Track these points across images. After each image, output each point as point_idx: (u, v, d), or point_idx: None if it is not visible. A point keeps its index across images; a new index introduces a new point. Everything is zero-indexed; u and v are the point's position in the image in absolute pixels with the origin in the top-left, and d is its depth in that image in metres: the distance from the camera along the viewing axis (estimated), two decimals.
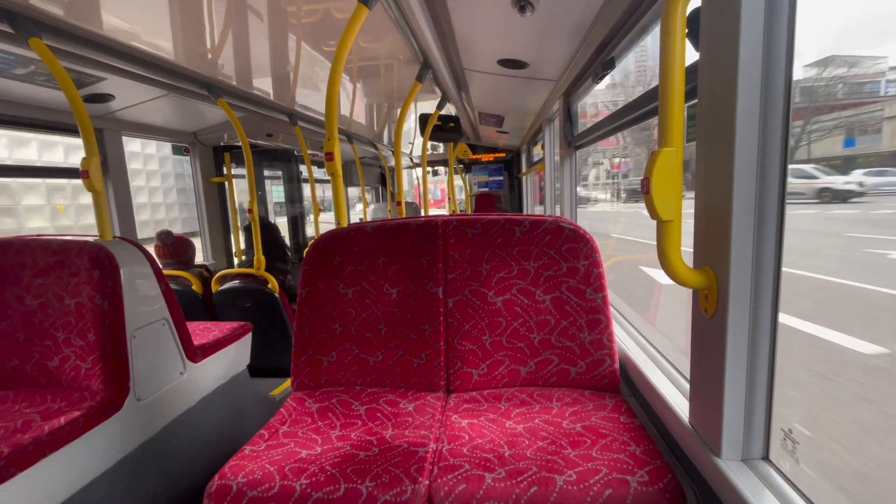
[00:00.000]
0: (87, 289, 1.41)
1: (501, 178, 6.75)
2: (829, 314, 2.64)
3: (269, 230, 3.39)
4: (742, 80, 0.72)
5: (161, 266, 1.64)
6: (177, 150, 3.24)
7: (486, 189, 6.81)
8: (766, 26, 0.71)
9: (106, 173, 2.46)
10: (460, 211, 7.08)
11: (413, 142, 5.51)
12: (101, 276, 1.41)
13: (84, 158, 1.48)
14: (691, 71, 0.82)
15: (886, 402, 1.91)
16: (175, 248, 2.82)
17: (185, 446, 1.66)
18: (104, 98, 2.16)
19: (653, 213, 0.74)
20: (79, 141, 1.53)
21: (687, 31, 0.74)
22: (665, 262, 0.77)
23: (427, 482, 0.96)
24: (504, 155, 6.47)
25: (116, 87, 2.04)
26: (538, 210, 5.62)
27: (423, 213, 3.37)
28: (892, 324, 2.38)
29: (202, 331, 2.02)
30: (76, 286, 1.42)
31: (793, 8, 0.70)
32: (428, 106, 3.21)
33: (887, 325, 2.39)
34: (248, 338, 2.21)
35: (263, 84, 2.45)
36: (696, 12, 0.82)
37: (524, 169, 5.85)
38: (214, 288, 2.68)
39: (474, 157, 6.50)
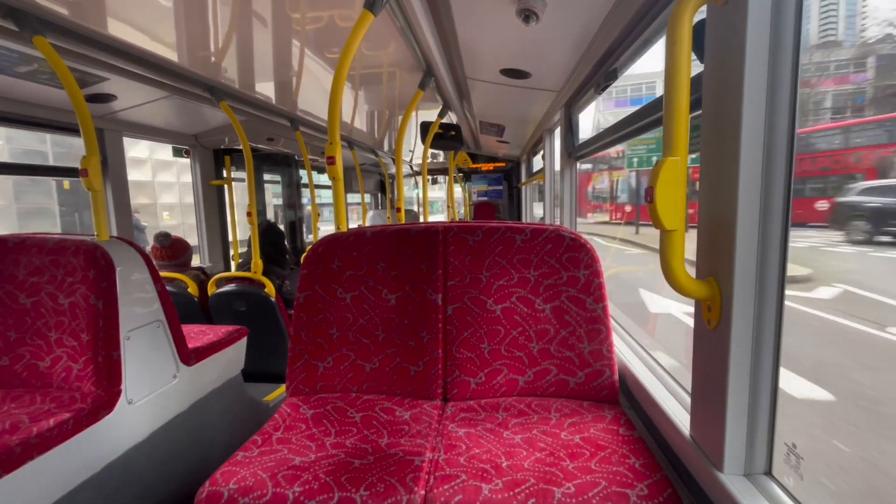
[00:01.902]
0: (81, 288, 1.40)
1: (501, 187, 6.77)
2: None
3: (274, 233, 3.35)
4: (748, 91, 0.72)
5: (157, 268, 1.63)
6: (177, 153, 3.24)
7: (485, 198, 6.83)
8: (773, 38, 0.71)
9: (105, 173, 2.45)
10: (459, 219, 7.09)
11: (413, 150, 5.53)
12: (97, 276, 1.39)
13: (84, 157, 1.48)
14: (695, 81, 0.83)
15: None
16: (173, 249, 2.80)
17: (176, 451, 1.63)
18: (106, 98, 2.16)
19: (656, 223, 0.74)
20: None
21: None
22: (668, 272, 0.76)
23: (423, 492, 0.94)
24: (504, 164, 6.50)
25: (119, 87, 2.04)
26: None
27: (422, 220, 3.37)
28: None
29: (197, 334, 2.00)
30: (71, 285, 1.41)
31: (798, 20, 0.70)
32: (429, 114, 3.23)
33: None
34: (244, 342, 2.18)
35: (266, 88, 2.45)
36: (701, 24, 0.82)
37: (523, 179, 5.87)
38: (211, 291, 2.66)
39: (474, 166, 6.52)
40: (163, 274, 2.65)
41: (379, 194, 6.98)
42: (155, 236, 2.81)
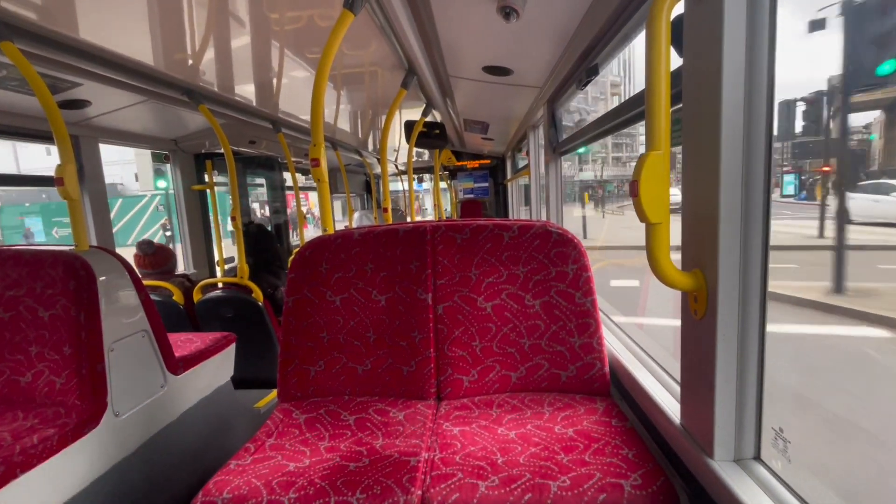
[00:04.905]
0: (62, 300, 1.36)
1: (486, 184, 6.78)
2: None
3: (266, 238, 3.26)
4: (726, 85, 0.73)
5: (141, 276, 1.59)
6: (157, 158, 3.17)
7: (471, 196, 6.84)
8: (749, 30, 0.72)
9: (82, 181, 2.39)
10: (447, 217, 7.08)
11: (398, 149, 5.50)
12: (77, 287, 1.36)
13: (59, 166, 1.44)
14: (675, 76, 0.84)
15: None
16: (156, 258, 2.75)
17: (166, 462, 1.61)
18: (80, 104, 2.11)
19: (641, 216, 0.75)
20: None
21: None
22: (654, 265, 0.77)
23: (420, 492, 0.94)
24: (489, 161, 6.51)
25: (93, 92, 1.99)
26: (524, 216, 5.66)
27: (409, 220, 3.36)
28: None
29: (184, 342, 1.96)
30: (50, 298, 1.37)
31: (773, 13, 0.72)
32: (413, 113, 3.22)
33: None
34: (232, 348, 2.15)
35: (246, 91, 2.42)
36: (680, 18, 0.83)
37: (509, 175, 5.89)
38: (196, 298, 2.61)
39: (459, 163, 6.52)
40: (146, 282, 2.60)
41: (364, 195, 6.94)
42: (137, 244, 2.76)
